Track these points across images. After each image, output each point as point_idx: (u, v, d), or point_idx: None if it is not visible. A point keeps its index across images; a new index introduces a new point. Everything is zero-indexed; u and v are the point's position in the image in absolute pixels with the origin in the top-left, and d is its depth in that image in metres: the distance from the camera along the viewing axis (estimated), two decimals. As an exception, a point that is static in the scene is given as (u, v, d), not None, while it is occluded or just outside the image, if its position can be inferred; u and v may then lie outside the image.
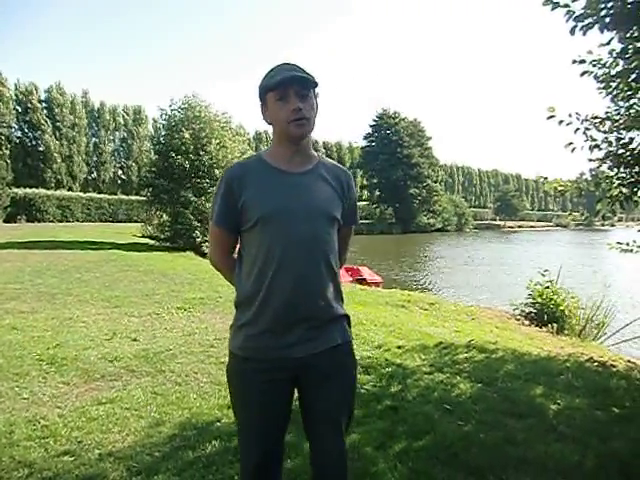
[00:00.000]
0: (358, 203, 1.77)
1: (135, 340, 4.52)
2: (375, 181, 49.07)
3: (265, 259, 1.44)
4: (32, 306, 5.83)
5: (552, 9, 3.48)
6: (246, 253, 1.52)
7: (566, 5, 3.46)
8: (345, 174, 1.63)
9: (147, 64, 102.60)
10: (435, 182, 50.66)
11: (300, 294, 1.45)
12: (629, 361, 5.21)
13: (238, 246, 1.59)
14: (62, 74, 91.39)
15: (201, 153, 14.39)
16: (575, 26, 3.42)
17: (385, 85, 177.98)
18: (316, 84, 1.49)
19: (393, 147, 46.86)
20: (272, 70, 1.50)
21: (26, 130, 33.66)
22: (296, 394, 1.57)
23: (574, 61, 4.02)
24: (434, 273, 17.63)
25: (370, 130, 49.71)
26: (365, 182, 53.00)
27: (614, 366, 4.61)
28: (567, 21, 3.46)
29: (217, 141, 14.68)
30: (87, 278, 8.06)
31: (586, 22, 3.37)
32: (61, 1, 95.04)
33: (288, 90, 1.44)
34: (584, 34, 3.41)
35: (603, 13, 3.28)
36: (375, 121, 49.61)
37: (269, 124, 1.53)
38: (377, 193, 49.47)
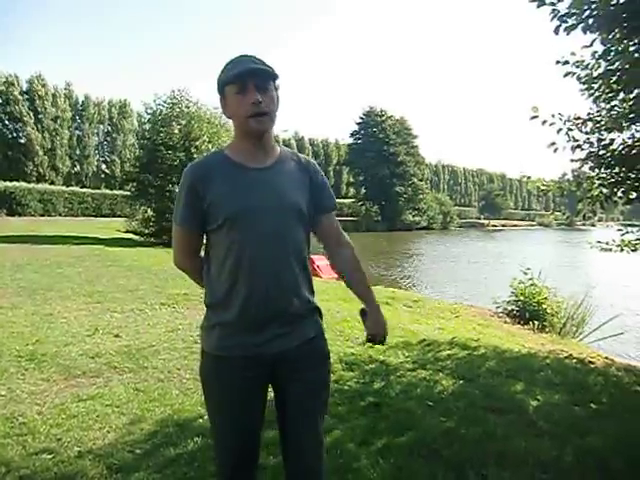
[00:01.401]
0: (344, 200, 1.76)
1: (117, 336, 4.46)
2: (361, 178, 49.11)
3: (236, 259, 1.42)
4: (12, 301, 5.72)
5: (538, 6, 3.51)
6: (214, 253, 1.48)
7: (552, 3, 3.49)
8: (308, 162, 1.61)
9: (133, 60, 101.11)
10: (421, 180, 50.88)
11: (274, 292, 1.43)
12: (607, 358, 5.32)
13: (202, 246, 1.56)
14: (45, 67, 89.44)
15: (192, 150, 14.21)
16: (559, 26, 3.46)
17: (372, 83, 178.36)
18: (276, 76, 1.45)
19: (379, 145, 46.91)
20: (230, 62, 1.46)
21: (6, 122, 32.93)
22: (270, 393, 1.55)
23: (557, 62, 4.07)
24: (418, 270, 17.75)
25: (357, 127, 49.71)
26: (351, 179, 53.05)
27: (592, 363, 4.70)
28: (552, 20, 3.49)
29: (206, 138, 14.53)
30: (69, 273, 7.94)
31: (570, 22, 3.41)
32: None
33: (247, 83, 1.40)
34: (568, 34, 3.44)
35: (586, 14, 3.32)
36: (362, 119, 49.61)
37: (229, 118, 1.50)
38: (363, 191, 49.54)
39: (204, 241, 1.55)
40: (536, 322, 7.05)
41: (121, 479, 2.23)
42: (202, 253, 1.58)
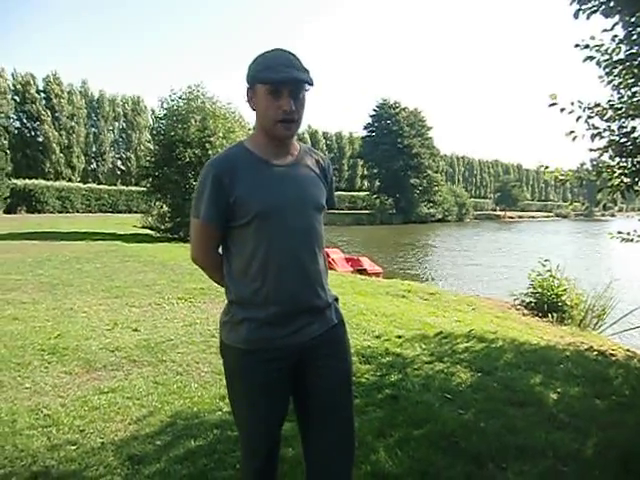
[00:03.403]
0: (359, 193, 1.75)
1: (136, 330, 4.53)
2: (375, 171, 48.88)
3: (265, 255, 1.42)
4: (33, 297, 5.84)
5: None
6: (238, 250, 1.47)
7: None
8: (324, 159, 1.63)
9: (145, 56, 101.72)
10: (436, 172, 50.44)
11: (304, 288, 1.45)
12: (628, 350, 5.23)
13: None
14: (59, 65, 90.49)
15: (207, 146, 14.26)
16: (579, 9, 3.37)
17: (385, 75, 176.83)
18: (312, 84, 1.43)
19: (393, 137, 46.57)
20: (266, 57, 1.42)
21: (25, 121, 33.52)
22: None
23: (577, 45, 3.97)
24: (435, 263, 17.64)
25: (370, 120, 49.40)
26: (365, 172, 52.83)
27: (613, 355, 4.63)
28: (571, 4, 3.41)
29: (221, 134, 14.57)
30: (88, 269, 8.07)
31: (590, 5, 3.32)
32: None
33: (282, 89, 1.38)
34: (587, 18, 3.36)
35: None
36: (375, 111, 49.28)
37: (253, 110, 1.48)
38: (377, 183, 49.35)
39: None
40: (555, 314, 6.95)
41: (143, 470, 2.26)
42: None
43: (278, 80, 1.37)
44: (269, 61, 1.40)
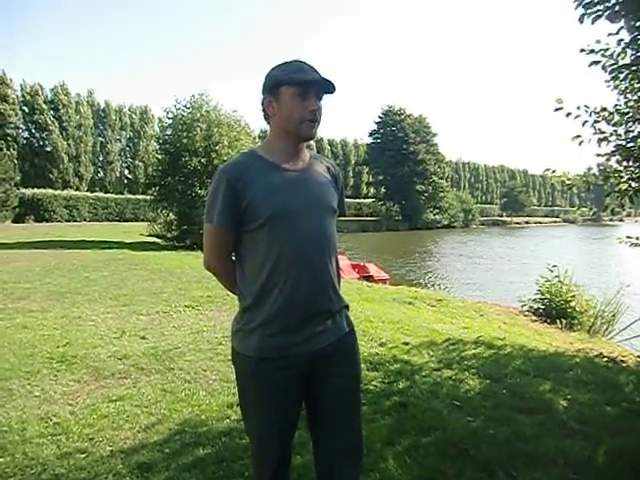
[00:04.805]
0: (365, 200, 1.77)
1: (144, 338, 4.54)
2: (381, 178, 48.90)
3: (277, 259, 1.43)
4: (42, 305, 5.88)
5: None
6: (250, 255, 1.48)
7: None
8: (334, 166, 1.67)
9: (152, 64, 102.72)
10: (441, 178, 50.39)
11: (316, 290, 1.46)
12: (639, 357, 5.18)
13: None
14: (66, 74, 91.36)
15: (212, 155, 14.34)
16: (584, 14, 3.37)
17: (390, 81, 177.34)
18: (335, 89, 1.50)
19: (399, 144, 46.62)
20: (289, 64, 1.49)
21: (33, 131, 33.85)
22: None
23: (582, 50, 3.96)
24: (441, 269, 17.58)
25: (375, 127, 49.52)
26: (371, 179, 52.83)
27: (624, 362, 4.58)
28: (576, 8, 3.41)
29: (226, 143, 14.65)
30: (95, 277, 8.12)
31: (595, 9, 3.32)
32: (64, 1, 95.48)
33: (310, 90, 1.45)
34: (592, 23, 3.36)
35: (613, 1, 3.23)
36: (380, 118, 49.40)
37: (269, 116, 1.51)
38: (383, 190, 49.31)
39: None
40: (564, 320, 6.90)
41: (151, 478, 2.27)
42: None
43: (309, 80, 1.44)
44: (294, 66, 1.48)
